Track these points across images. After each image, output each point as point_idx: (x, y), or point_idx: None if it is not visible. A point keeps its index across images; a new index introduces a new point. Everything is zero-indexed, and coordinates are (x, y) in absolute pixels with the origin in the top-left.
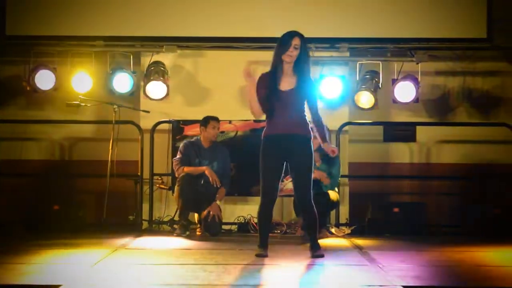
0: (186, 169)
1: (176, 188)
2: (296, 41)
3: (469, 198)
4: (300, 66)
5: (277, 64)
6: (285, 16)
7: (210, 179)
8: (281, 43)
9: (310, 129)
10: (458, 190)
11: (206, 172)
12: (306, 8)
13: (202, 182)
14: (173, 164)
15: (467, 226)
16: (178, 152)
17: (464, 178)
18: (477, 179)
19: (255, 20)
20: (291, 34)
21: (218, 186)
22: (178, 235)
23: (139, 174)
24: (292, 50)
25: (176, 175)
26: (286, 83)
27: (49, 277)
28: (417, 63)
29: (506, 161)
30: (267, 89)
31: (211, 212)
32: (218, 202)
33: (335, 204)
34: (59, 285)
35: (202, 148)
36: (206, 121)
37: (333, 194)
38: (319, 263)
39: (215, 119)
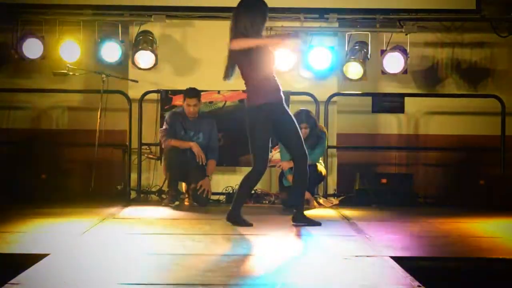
0: (173, 142)
1: (163, 160)
2: None
3: (456, 169)
4: None
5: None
6: None
7: (197, 157)
8: (266, 14)
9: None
10: (445, 161)
11: (194, 149)
12: None
13: (188, 154)
14: (160, 135)
15: (454, 197)
16: (164, 123)
17: (451, 149)
18: (464, 150)
19: None
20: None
21: (204, 164)
22: (166, 205)
23: (127, 143)
24: None
25: (163, 146)
26: None
27: (37, 246)
28: (406, 34)
29: (493, 133)
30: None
31: (202, 186)
32: (209, 176)
33: (322, 177)
34: (47, 254)
35: (187, 119)
36: (184, 98)
37: (320, 167)
38: (306, 233)
39: (192, 95)
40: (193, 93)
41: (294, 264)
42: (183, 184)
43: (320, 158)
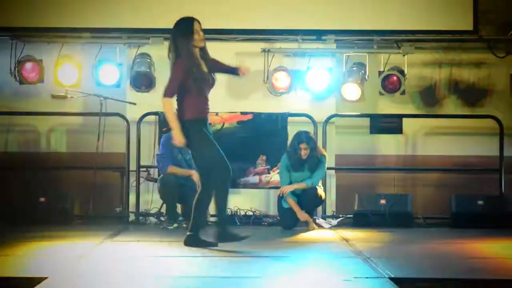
0: (172, 169)
1: (159, 186)
2: (197, 25)
3: (455, 189)
4: (205, 52)
5: (191, 50)
6: (272, 8)
7: (197, 185)
8: (187, 30)
9: None
10: (444, 182)
11: (194, 178)
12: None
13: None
14: (157, 159)
15: (453, 218)
16: (161, 147)
17: (450, 170)
18: (463, 171)
19: (241, 12)
20: (191, 20)
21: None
22: (165, 227)
23: (125, 166)
24: (200, 33)
25: (161, 172)
26: (204, 67)
27: (36, 269)
28: (404, 55)
29: (492, 153)
30: (193, 72)
31: None
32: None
33: (321, 201)
34: (46, 277)
35: None
36: None
37: (319, 190)
38: (305, 254)
39: None
40: None
41: (293, 286)
42: (180, 206)
43: (319, 182)
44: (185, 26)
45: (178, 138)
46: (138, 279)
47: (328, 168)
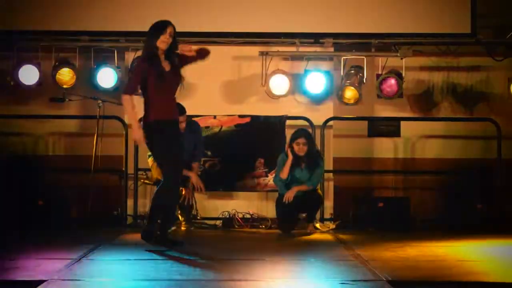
0: None
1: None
2: (170, 30)
3: (452, 192)
4: (171, 54)
5: (152, 50)
6: (269, 11)
7: (196, 188)
8: (156, 30)
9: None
10: (442, 185)
11: (193, 180)
12: (290, 3)
13: None
14: (151, 163)
15: (450, 221)
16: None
17: (448, 173)
18: (461, 174)
19: (239, 15)
20: (165, 23)
21: (204, 191)
22: None
23: (123, 169)
24: (168, 37)
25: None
26: (166, 67)
27: (34, 272)
28: (402, 58)
29: (489, 156)
30: (153, 70)
31: (183, 193)
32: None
33: (321, 201)
34: (44, 280)
35: None
36: None
37: (318, 191)
38: (303, 258)
39: (182, 113)
40: (182, 110)
41: None
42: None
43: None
44: (160, 24)
45: (135, 135)
46: (136, 283)
47: (326, 171)
